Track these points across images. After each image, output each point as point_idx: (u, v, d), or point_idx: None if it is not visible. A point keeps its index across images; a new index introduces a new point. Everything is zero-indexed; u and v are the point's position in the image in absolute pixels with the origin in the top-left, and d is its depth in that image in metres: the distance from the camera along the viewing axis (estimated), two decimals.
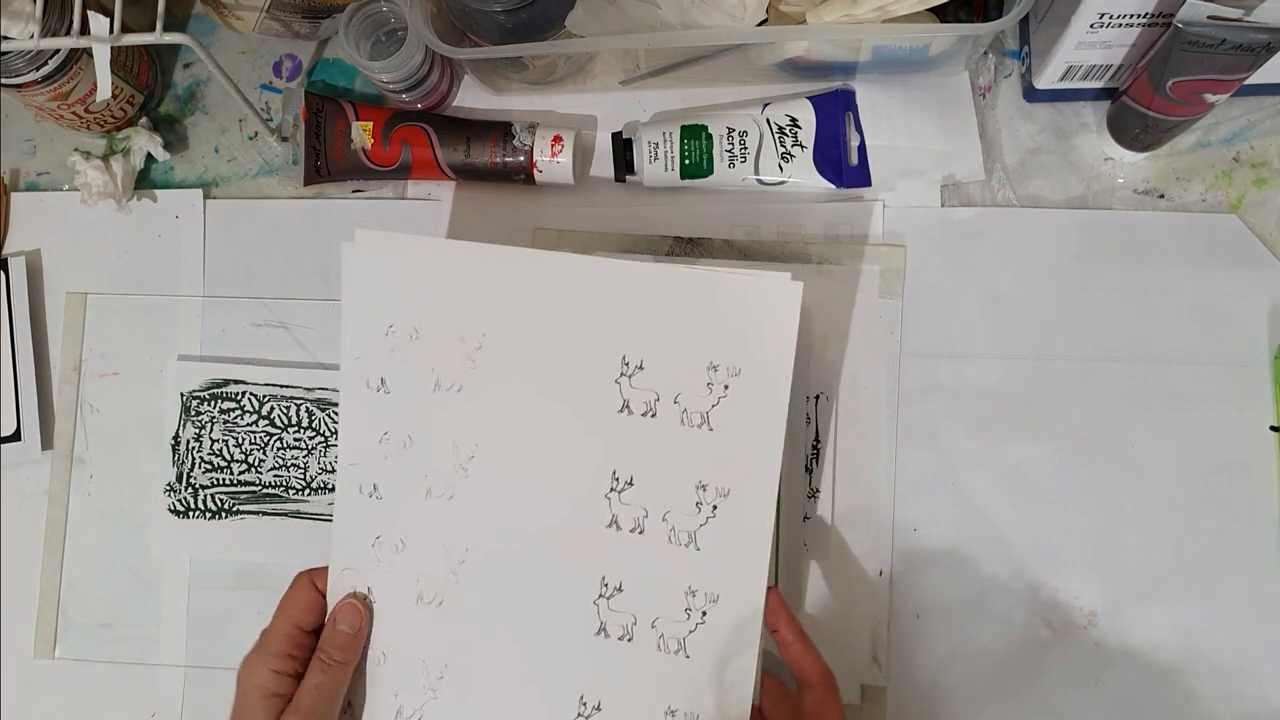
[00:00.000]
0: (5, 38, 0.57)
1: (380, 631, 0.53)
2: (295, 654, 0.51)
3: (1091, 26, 0.54)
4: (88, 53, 0.59)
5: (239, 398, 0.63)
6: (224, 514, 0.62)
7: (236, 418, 0.63)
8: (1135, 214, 0.61)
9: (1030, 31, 0.61)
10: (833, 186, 0.62)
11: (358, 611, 0.53)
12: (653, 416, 0.51)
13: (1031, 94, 0.62)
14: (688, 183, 0.61)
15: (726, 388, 0.50)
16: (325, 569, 0.54)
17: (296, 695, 0.50)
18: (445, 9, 0.58)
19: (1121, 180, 0.62)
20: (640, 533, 0.51)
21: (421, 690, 0.52)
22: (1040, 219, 0.62)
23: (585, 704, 0.51)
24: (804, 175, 0.61)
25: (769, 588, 0.51)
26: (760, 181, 0.61)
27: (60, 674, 0.62)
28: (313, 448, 0.62)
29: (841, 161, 0.62)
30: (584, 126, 0.64)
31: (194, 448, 0.63)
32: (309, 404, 0.63)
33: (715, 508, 0.50)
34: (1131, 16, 0.53)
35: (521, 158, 0.61)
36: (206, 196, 0.66)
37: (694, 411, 0.51)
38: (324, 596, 0.53)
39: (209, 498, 0.63)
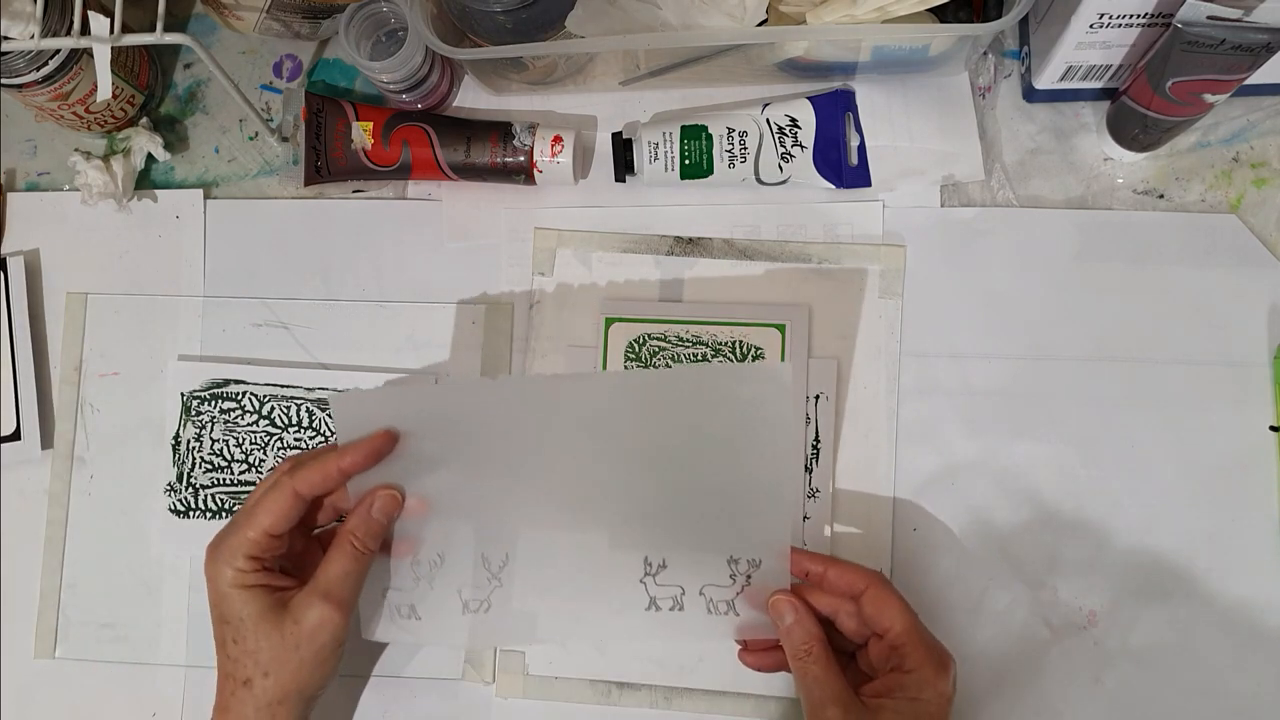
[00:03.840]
0: (6, 38, 0.57)
1: (433, 534, 0.54)
2: (262, 556, 0.51)
3: (1091, 27, 0.54)
4: (88, 53, 0.59)
5: (239, 398, 0.63)
6: (225, 514, 0.62)
7: (237, 418, 0.63)
8: (1135, 214, 0.61)
9: (1030, 32, 0.61)
10: (833, 186, 0.62)
11: (395, 501, 0.53)
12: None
13: (1031, 94, 0.62)
14: (688, 183, 0.61)
15: (749, 579, 0.53)
16: (308, 471, 0.51)
17: (326, 579, 0.50)
18: (445, 9, 0.58)
19: (1121, 180, 0.62)
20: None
21: (486, 582, 0.54)
22: (1040, 219, 0.62)
23: (650, 564, 0.54)
24: (804, 175, 0.61)
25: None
26: (760, 181, 0.61)
27: (61, 674, 0.62)
28: (313, 448, 0.62)
29: (841, 162, 0.62)
30: (584, 126, 0.64)
31: (194, 448, 0.63)
32: (309, 404, 0.63)
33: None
34: (1131, 17, 0.54)
35: (521, 158, 0.61)
36: (207, 196, 0.66)
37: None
38: (304, 499, 0.51)
39: (210, 498, 0.63)
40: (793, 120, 0.61)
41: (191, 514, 0.62)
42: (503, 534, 0.54)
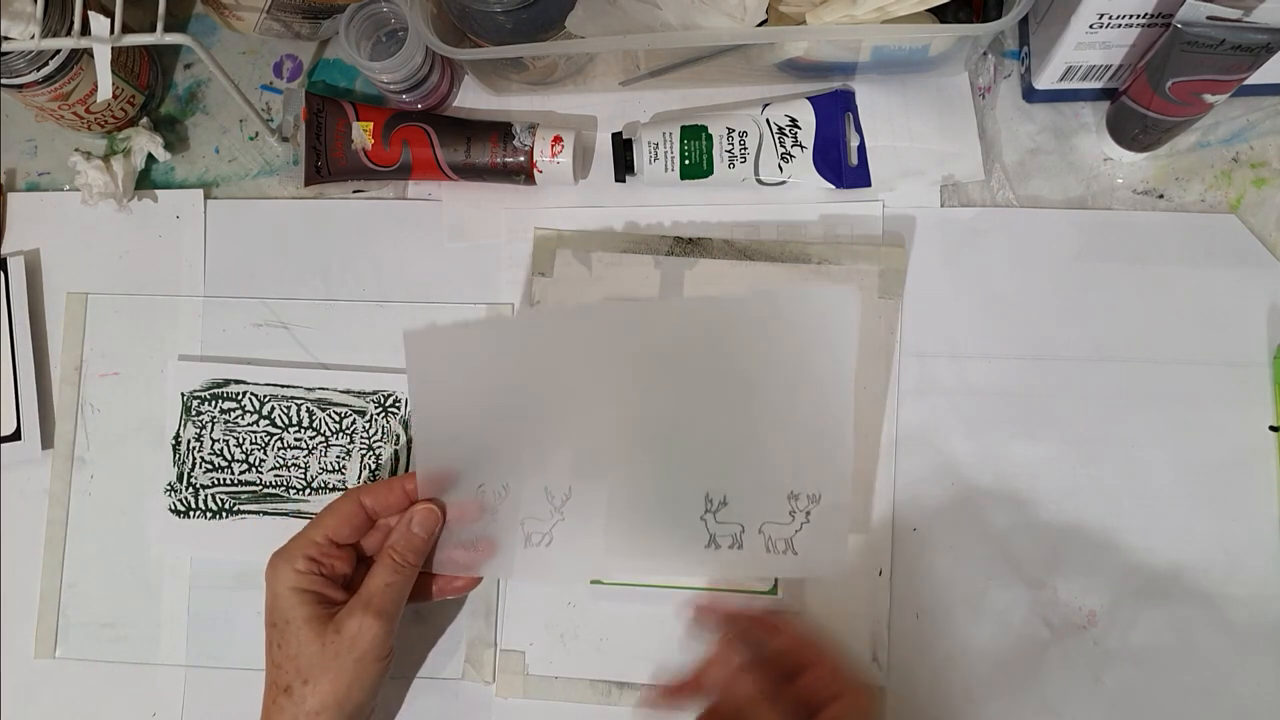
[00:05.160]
0: (6, 38, 0.57)
1: (497, 470, 0.55)
2: (321, 560, 0.52)
3: (1091, 27, 0.54)
4: (88, 53, 0.59)
5: (239, 398, 0.63)
6: (225, 514, 0.62)
7: (237, 418, 0.63)
8: (1135, 214, 0.61)
9: (1030, 32, 0.61)
10: (833, 187, 0.62)
11: (435, 516, 0.54)
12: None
13: (1031, 94, 0.62)
14: (688, 183, 0.61)
15: (808, 515, 0.54)
16: (376, 486, 0.55)
17: (366, 590, 0.51)
18: (445, 9, 0.58)
19: (1121, 180, 0.62)
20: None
21: (548, 515, 0.55)
22: (1039, 219, 0.62)
23: (711, 500, 0.55)
24: (804, 175, 0.61)
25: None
26: (760, 182, 0.62)
27: (61, 674, 0.62)
28: (313, 448, 0.62)
29: (841, 162, 0.62)
30: (584, 127, 0.64)
31: (194, 448, 0.63)
32: (309, 404, 0.63)
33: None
34: (1131, 17, 0.54)
35: (521, 158, 0.61)
36: (207, 196, 0.66)
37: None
38: (369, 515, 0.54)
39: (210, 498, 0.63)
40: (793, 120, 0.61)
41: (191, 514, 0.62)
42: (566, 467, 0.55)
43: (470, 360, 0.55)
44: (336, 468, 0.62)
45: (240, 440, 0.63)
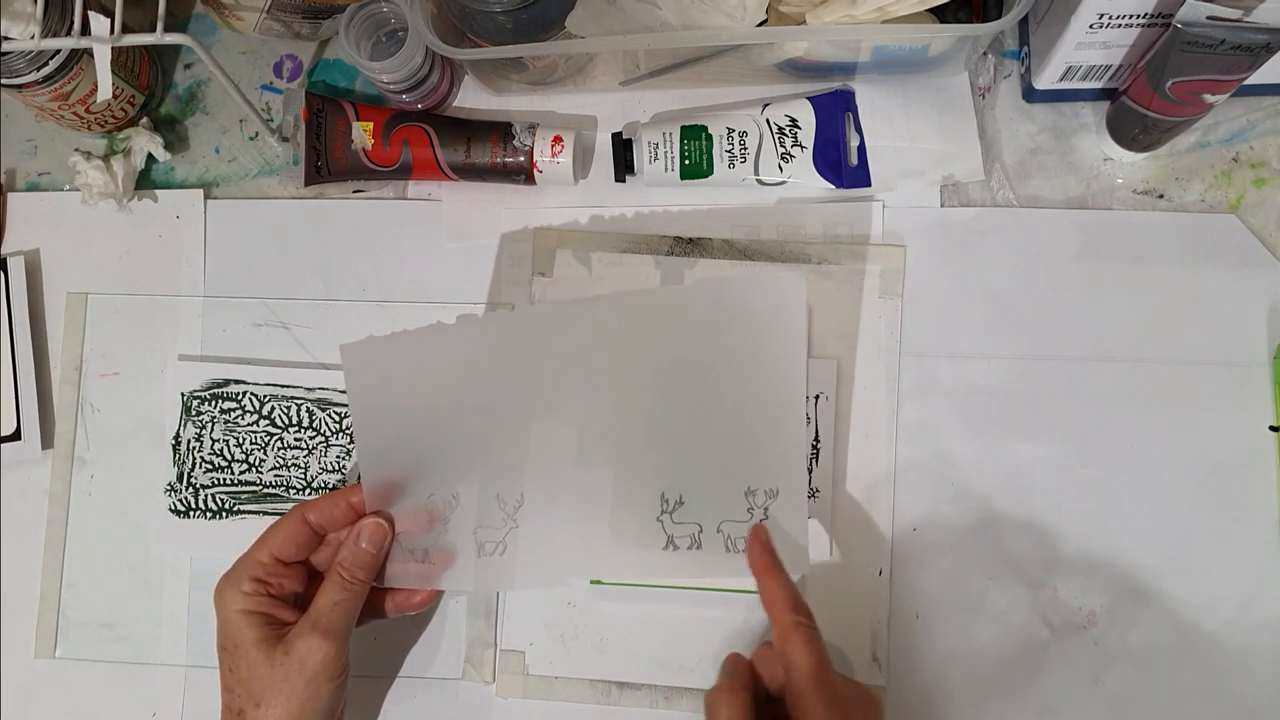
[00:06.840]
0: (6, 38, 0.57)
1: (446, 478, 0.54)
2: (268, 580, 0.51)
3: (1091, 27, 0.54)
4: (88, 53, 0.59)
5: (239, 398, 0.63)
6: (225, 514, 0.62)
7: (237, 418, 0.63)
8: (1134, 214, 0.61)
9: (1030, 32, 0.61)
10: (832, 187, 0.62)
11: (383, 530, 0.53)
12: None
13: (1031, 94, 0.62)
14: (688, 183, 0.61)
15: (766, 511, 0.53)
16: (320, 501, 0.54)
17: (314, 610, 0.50)
18: (445, 9, 0.58)
19: (1121, 180, 0.62)
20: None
21: (501, 522, 0.54)
22: (1039, 219, 0.62)
23: (667, 500, 0.54)
24: (804, 175, 0.61)
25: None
26: (760, 182, 0.62)
27: (61, 674, 0.62)
28: (313, 448, 0.62)
29: (841, 162, 0.62)
30: (584, 127, 0.64)
31: (195, 448, 0.63)
32: (309, 404, 0.63)
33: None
34: (1131, 17, 0.54)
35: (521, 158, 0.61)
36: (207, 197, 0.66)
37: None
38: (315, 531, 0.53)
39: (210, 498, 0.63)
40: (793, 120, 0.61)
41: (191, 514, 0.63)
42: (517, 473, 0.54)
43: (412, 368, 0.54)
44: (336, 468, 0.62)
45: (240, 440, 0.63)
